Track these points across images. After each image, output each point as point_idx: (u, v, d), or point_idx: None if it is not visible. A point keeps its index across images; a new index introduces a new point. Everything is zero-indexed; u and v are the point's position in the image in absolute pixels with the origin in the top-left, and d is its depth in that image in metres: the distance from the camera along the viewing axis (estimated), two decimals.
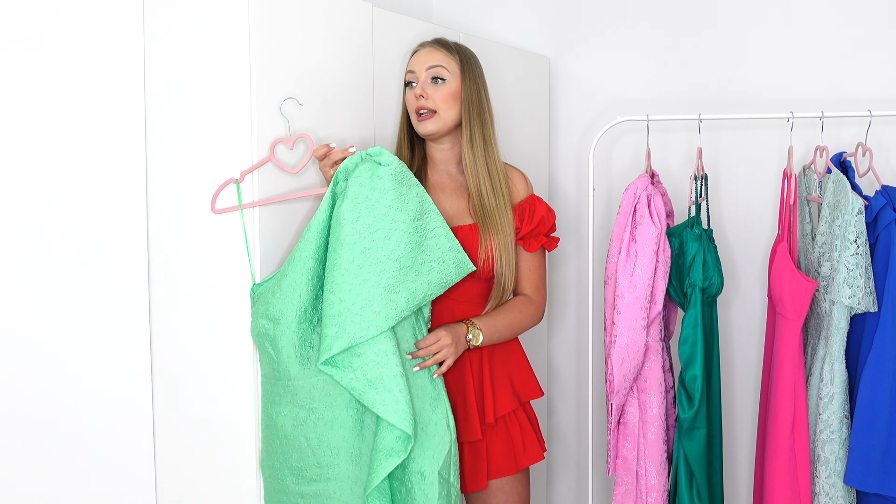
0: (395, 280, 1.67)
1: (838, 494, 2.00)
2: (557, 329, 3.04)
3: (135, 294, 1.84)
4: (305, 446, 1.71)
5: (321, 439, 1.71)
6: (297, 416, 1.71)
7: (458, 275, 1.77)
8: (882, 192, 1.97)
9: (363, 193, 1.67)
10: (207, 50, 1.74)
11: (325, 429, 1.71)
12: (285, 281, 1.68)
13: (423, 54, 1.94)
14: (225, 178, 1.73)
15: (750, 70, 2.64)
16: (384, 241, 1.67)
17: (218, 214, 1.75)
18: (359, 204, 1.66)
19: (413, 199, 1.71)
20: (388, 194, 1.68)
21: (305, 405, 1.70)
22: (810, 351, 2.10)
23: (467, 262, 1.78)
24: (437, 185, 2.00)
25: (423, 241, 1.72)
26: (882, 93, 2.48)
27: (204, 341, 1.81)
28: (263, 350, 1.71)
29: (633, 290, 2.04)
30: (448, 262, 1.75)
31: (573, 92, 2.93)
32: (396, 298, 1.67)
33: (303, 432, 1.71)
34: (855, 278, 1.92)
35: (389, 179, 1.68)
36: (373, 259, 1.66)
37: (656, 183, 2.20)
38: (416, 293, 1.70)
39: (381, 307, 1.65)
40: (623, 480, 2.15)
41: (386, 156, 1.70)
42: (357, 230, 1.65)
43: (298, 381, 1.70)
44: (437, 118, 1.91)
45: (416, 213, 1.71)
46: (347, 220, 1.65)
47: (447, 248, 1.75)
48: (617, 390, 2.08)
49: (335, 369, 1.67)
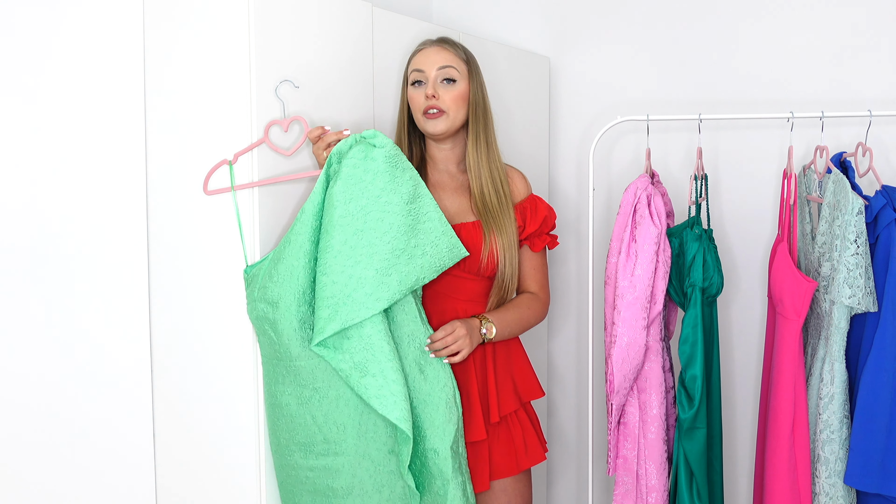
0: (388, 262, 1.67)
1: (838, 494, 2.00)
2: (557, 329, 3.04)
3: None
4: (311, 424, 1.72)
5: (327, 417, 1.72)
6: (301, 395, 1.71)
7: (451, 259, 1.77)
8: (882, 192, 1.97)
9: (356, 175, 1.66)
10: (207, 49, 1.74)
11: (330, 407, 1.72)
12: (282, 264, 1.68)
13: (432, 53, 1.94)
14: (221, 161, 1.73)
15: (750, 70, 2.64)
16: (377, 223, 1.66)
17: (210, 196, 1.74)
18: (352, 185, 1.66)
19: (406, 181, 1.71)
20: (381, 176, 1.67)
21: (309, 384, 1.71)
22: (810, 351, 2.10)
23: (460, 247, 1.78)
24: (438, 183, 2.00)
25: (417, 225, 1.72)
26: (882, 93, 2.48)
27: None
28: (263, 332, 1.71)
29: (634, 290, 2.04)
30: (441, 246, 1.75)
31: (573, 92, 2.93)
32: (388, 281, 1.67)
33: (308, 410, 1.71)
34: (855, 278, 1.92)
35: (383, 161, 1.68)
36: (365, 241, 1.65)
37: (656, 183, 2.20)
38: (408, 276, 1.70)
39: (372, 289, 1.65)
40: (623, 480, 2.15)
41: (380, 138, 1.70)
42: (350, 212, 1.65)
43: (301, 361, 1.70)
44: (447, 118, 1.92)
45: (409, 196, 1.71)
46: (340, 201, 1.65)
47: (440, 233, 1.75)
48: (617, 390, 2.08)
49: (327, 350, 1.67)
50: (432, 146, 2.00)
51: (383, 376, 1.66)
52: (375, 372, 1.66)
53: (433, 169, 2.02)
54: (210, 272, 1.79)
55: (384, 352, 1.67)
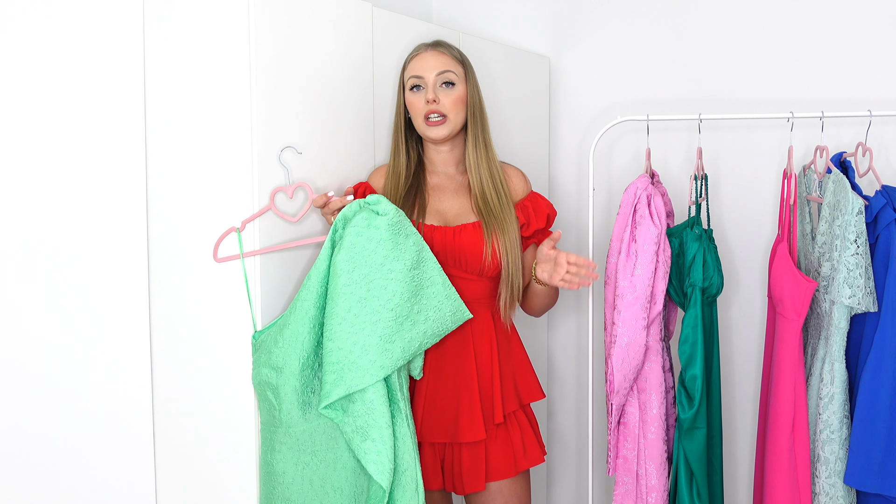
0: (391, 329, 1.70)
1: (838, 494, 2.00)
2: (557, 329, 3.04)
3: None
4: (309, 489, 1.74)
5: (324, 481, 1.75)
6: (299, 460, 1.74)
7: (454, 323, 1.80)
8: (882, 192, 1.97)
9: (359, 243, 1.69)
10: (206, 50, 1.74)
11: (328, 470, 1.75)
12: (287, 330, 1.70)
13: (429, 58, 1.94)
14: (228, 225, 1.74)
15: (750, 70, 2.64)
16: (380, 290, 1.69)
17: (220, 263, 1.76)
18: (355, 254, 1.68)
19: (410, 248, 1.73)
20: (384, 244, 1.70)
21: (308, 449, 1.74)
22: (810, 351, 2.10)
23: (464, 310, 1.81)
24: (437, 186, 2.00)
25: (420, 291, 1.74)
26: (882, 93, 2.48)
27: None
28: (264, 398, 1.73)
29: (633, 290, 2.04)
30: (444, 310, 1.78)
31: (573, 92, 2.93)
32: (392, 348, 1.70)
33: (306, 475, 1.74)
34: (855, 278, 1.92)
35: (386, 229, 1.70)
36: (368, 309, 1.68)
37: (656, 183, 2.20)
38: (411, 342, 1.73)
39: (376, 356, 1.68)
40: (623, 480, 2.15)
41: (384, 205, 1.72)
42: (353, 280, 1.68)
43: (300, 426, 1.73)
44: (448, 123, 1.93)
45: (412, 263, 1.73)
46: (344, 270, 1.68)
47: (444, 297, 1.77)
48: (617, 390, 2.08)
49: (335, 413, 1.71)
50: (430, 149, 2.01)
51: (382, 441, 1.69)
52: (375, 437, 1.69)
53: (431, 172, 2.02)
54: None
55: (384, 417, 1.70)
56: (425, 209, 1.96)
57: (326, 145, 1.91)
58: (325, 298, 1.71)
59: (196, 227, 1.79)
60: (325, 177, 1.91)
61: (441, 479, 1.96)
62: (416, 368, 1.86)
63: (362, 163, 2.04)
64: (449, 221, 1.96)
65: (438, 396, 1.92)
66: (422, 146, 2.03)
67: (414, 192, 1.97)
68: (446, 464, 1.95)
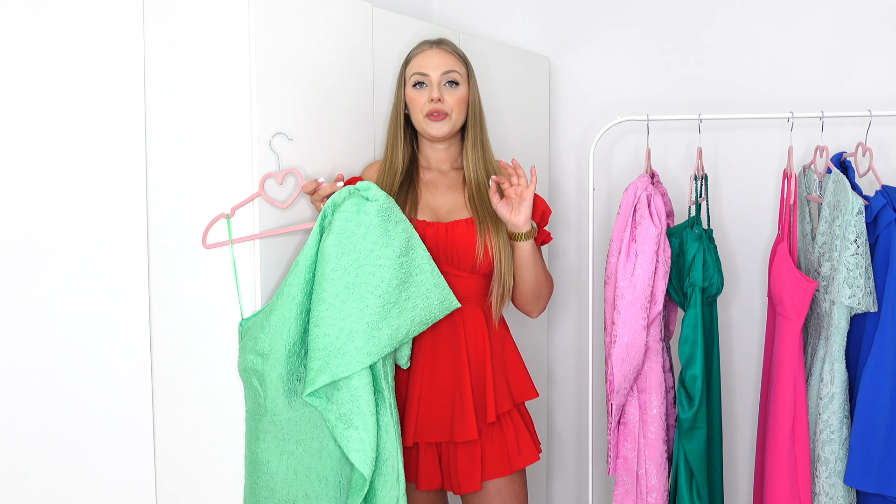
0: (378, 316, 1.68)
1: (838, 494, 2.00)
2: (557, 329, 3.04)
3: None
4: (293, 478, 1.73)
5: (309, 470, 1.73)
6: (284, 449, 1.72)
7: (441, 311, 1.78)
8: (882, 192, 1.97)
9: (348, 229, 1.68)
10: (206, 50, 1.74)
11: (312, 459, 1.74)
12: (274, 315, 1.69)
13: (435, 56, 1.95)
14: (221, 211, 1.74)
15: (750, 70, 2.64)
16: (368, 276, 1.68)
17: (209, 249, 1.76)
18: (344, 239, 1.67)
19: (399, 234, 1.72)
20: (373, 230, 1.68)
21: (293, 437, 1.72)
22: (810, 351, 2.10)
23: (452, 299, 1.79)
24: (431, 183, 2.01)
25: (408, 278, 1.73)
26: (882, 93, 2.48)
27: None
28: (249, 385, 1.72)
29: (633, 290, 2.04)
30: (432, 298, 1.76)
31: (573, 92, 2.93)
32: (379, 335, 1.69)
33: (290, 464, 1.72)
34: (855, 278, 1.92)
35: (375, 215, 1.69)
36: (356, 295, 1.67)
37: (656, 183, 2.20)
38: (398, 330, 1.71)
39: (363, 343, 1.67)
40: (623, 480, 2.15)
41: (373, 191, 1.71)
42: (341, 265, 1.66)
43: (285, 414, 1.71)
44: (449, 121, 1.94)
45: (401, 250, 1.72)
46: (332, 255, 1.66)
47: (432, 285, 1.76)
48: (617, 390, 2.08)
49: (319, 400, 1.69)
50: (427, 146, 2.01)
51: (365, 430, 1.68)
52: (359, 425, 1.68)
53: (425, 168, 2.03)
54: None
55: (369, 405, 1.69)
56: (417, 205, 1.96)
57: (321, 139, 1.91)
58: (312, 284, 1.70)
59: (196, 219, 1.78)
60: (323, 173, 1.91)
61: (440, 478, 1.96)
62: (403, 357, 1.84)
63: (358, 157, 2.04)
64: (441, 217, 1.96)
65: (434, 395, 1.92)
66: (416, 142, 2.04)
67: (407, 187, 1.97)
68: (443, 463, 1.95)
